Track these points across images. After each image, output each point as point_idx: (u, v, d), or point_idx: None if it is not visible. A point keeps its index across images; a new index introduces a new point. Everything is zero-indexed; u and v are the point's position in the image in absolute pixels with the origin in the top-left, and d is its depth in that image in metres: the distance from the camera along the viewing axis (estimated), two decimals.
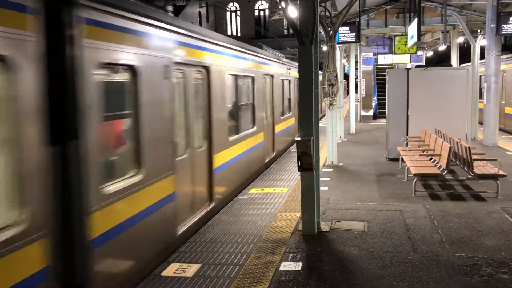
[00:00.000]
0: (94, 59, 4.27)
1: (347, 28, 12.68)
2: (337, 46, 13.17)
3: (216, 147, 7.56)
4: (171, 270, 5.24)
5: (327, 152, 11.81)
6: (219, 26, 42.98)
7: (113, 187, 4.55)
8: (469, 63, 17.41)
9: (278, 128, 13.40)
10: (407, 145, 11.68)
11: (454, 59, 18.67)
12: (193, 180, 6.76)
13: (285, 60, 15.01)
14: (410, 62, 22.62)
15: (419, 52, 25.96)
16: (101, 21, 4.41)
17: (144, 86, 5.17)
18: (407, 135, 12.15)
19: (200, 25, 37.74)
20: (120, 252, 4.73)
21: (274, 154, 12.85)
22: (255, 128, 10.40)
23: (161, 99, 5.63)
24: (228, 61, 8.42)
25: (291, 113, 15.37)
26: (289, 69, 15.42)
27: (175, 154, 6.04)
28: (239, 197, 8.54)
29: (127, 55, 4.87)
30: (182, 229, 6.20)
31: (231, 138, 8.48)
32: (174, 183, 5.93)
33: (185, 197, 6.43)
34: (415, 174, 8.38)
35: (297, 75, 12.31)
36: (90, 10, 4.18)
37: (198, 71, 7.03)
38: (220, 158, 7.82)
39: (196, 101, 6.96)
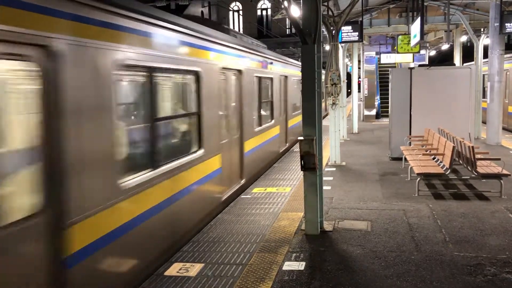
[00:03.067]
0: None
1: (349, 27, 12.64)
2: (339, 45, 13.15)
3: (288, 118, 14.74)
4: (174, 269, 5.24)
5: (330, 152, 11.79)
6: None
7: (265, 124, 11.23)
8: (473, 62, 17.35)
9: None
10: (410, 144, 11.66)
11: (457, 58, 18.62)
12: (283, 130, 13.83)
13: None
14: (413, 61, 22.53)
15: (422, 51, 25.85)
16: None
17: (289, 87, 14.57)
18: (410, 134, 12.12)
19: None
20: (270, 148, 11.96)
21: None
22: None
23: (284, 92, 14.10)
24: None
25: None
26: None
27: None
28: (242, 196, 8.54)
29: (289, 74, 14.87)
30: (281, 149, 13.45)
31: (293, 113, 15.52)
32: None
33: (282, 137, 13.62)
34: (418, 174, 8.36)
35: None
36: None
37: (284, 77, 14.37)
38: (290, 122, 14.91)
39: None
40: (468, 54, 20.90)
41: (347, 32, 12.64)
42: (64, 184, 3.75)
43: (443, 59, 29.30)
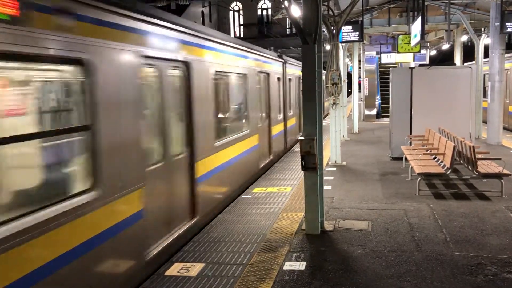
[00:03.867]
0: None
1: (350, 27, 12.63)
2: (340, 45, 13.14)
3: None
4: (175, 269, 5.25)
5: (331, 151, 11.79)
6: (221, 26, 42.97)
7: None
8: (473, 62, 17.34)
9: None
10: (410, 144, 11.66)
11: (457, 57, 18.61)
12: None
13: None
14: (414, 61, 22.53)
15: (423, 51, 25.84)
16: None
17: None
18: (410, 134, 12.12)
19: (203, 24, 37.71)
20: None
21: None
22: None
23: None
24: None
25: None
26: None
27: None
28: (242, 196, 8.54)
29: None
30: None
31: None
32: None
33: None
34: (419, 173, 8.36)
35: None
36: None
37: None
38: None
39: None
40: (468, 53, 20.87)
41: (347, 32, 12.63)
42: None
43: (444, 58, 29.21)
